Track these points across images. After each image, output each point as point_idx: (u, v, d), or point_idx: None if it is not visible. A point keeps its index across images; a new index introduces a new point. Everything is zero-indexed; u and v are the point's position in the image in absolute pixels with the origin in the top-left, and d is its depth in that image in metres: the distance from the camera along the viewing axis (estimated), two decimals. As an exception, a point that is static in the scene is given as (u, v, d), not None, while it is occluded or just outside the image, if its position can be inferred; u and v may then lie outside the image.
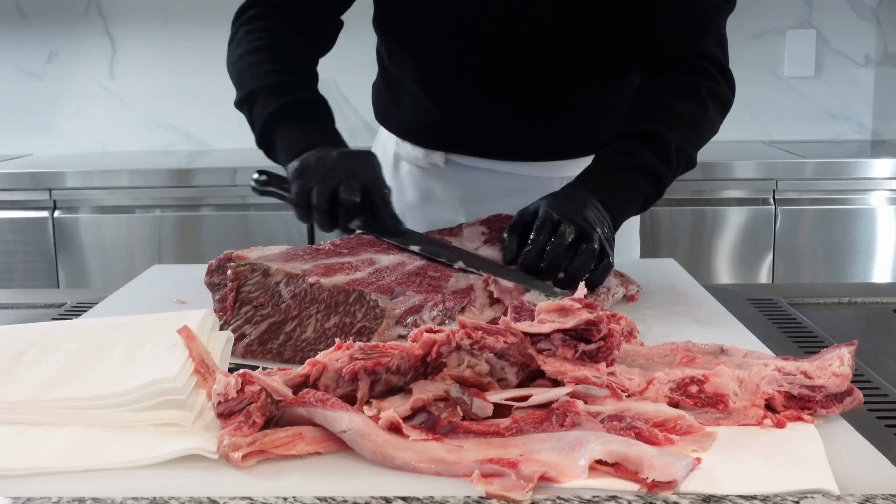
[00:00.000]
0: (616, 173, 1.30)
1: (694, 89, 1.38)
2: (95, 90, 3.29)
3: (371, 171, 1.24)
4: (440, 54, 1.46)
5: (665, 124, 1.33)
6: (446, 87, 1.49)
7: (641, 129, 1.33)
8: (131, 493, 0.68)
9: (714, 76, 1.41)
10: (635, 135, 1.33)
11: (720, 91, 1.42)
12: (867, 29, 3.33)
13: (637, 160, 1.30)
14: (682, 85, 1.39)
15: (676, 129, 1.34)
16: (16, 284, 2.78)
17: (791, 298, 1.34)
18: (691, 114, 1.38)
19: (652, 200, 1.34)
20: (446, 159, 1.56)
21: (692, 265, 2.60)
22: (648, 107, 1.38)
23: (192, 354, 0.83)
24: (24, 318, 1.29)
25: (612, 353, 0.84)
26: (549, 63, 1.43)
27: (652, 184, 1.31)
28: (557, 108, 1.48)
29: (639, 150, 1.31)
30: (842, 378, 0.81)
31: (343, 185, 1.20)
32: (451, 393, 0.78)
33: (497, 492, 0.66)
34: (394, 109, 1.60)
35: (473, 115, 1.49)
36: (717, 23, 1.43)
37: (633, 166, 1.30)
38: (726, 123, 1.33)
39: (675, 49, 1.41)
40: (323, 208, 1.20)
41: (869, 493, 0.67)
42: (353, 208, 1.20)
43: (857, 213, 2.80)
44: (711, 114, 1.41)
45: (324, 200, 1.20)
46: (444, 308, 1.03)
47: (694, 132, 1.38)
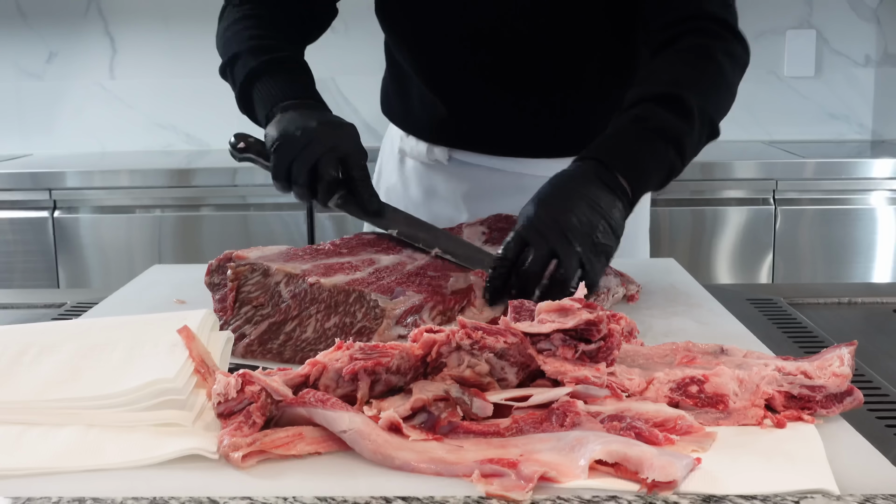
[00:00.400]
0: (635, 138, 1.18)
1: (708, 51, 1.28)
2: (95, 90, 3.29)
3: (350, 143, 1.23)
4: (442, 49, 1.46)
5: (684, 87, 1.22)
6: (449, 82, 1.49)
7: (659, 91, 1.21)
8: (131, 493, 0.68)
9: (723, 36, 1.32)
10: (653, 98, 1.21)
11: (734, 50, 1.32)
12: (867, 29, 3.33)
13: (656, 123, 1.18)
14: (694, 48, 1.29)
15: (697, 92, 1.23)
16: (16, 284, 2.78)
17: (791, 298, 1.34)
18: (710, 76, 1.27)
19: (678, 169, 1.21)
20: (450, 156, 1.55)
21: (692, 265, 2.60)
22: (662, 72, 1.27)
23: (192, 354, 0.83)
24: (24, 318, 1.28)
25: (612, 353, 0.84)
26: (552, 58, 1.42)
27: (675, 150, 1.19)
28: (561, 103, 1.47)
29: (658, 112, 1.19)
30: (842, 378, 0.81)
31: (322, 159, 1.19)
32: (451, 393, 0.78)
33: (497, 492, 0.66)
34: (400, 103, 1.59)
35: (476, 111, 1.49)
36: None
37: (654, 129, 1.18)
38: (726, 124, 1.32)
39: (678, 11, 1.32)
40: (302, 183, 1.20)
41: (869, 493, 0.66)
42: (332, 184, 1.20)
43: (857, 213, 2.80)
44: (728, 76, 1.30)
45: (303, 175, 1.20)
46: (444, 308, 1.03)
47: (714, 95, 1.28)
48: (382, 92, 1.65)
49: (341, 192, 1.22)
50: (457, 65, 1.46)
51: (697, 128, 1.21)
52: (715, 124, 1.27)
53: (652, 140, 1.18)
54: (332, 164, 1.20)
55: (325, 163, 1.19)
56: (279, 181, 1.23)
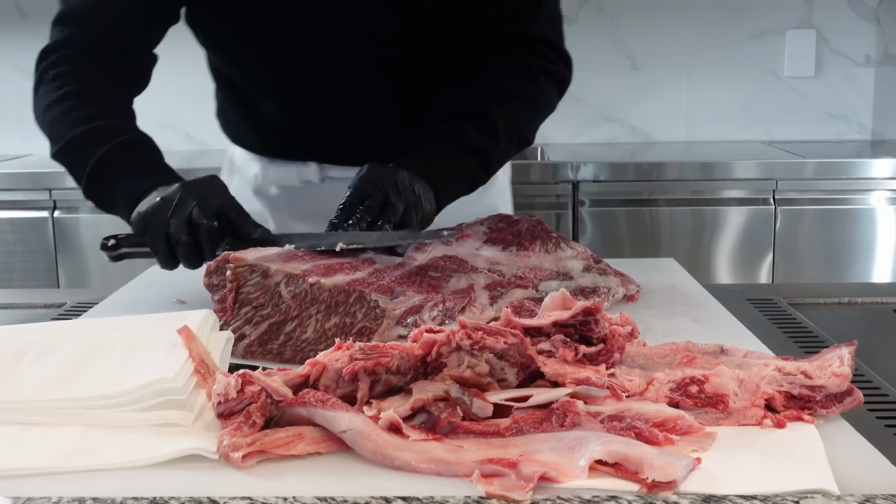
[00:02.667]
0: (442, 152, 1.32)
1: (525, 67, 1.41)
2: (95, 90, 3.29)
3: (219, 191, 1.19)
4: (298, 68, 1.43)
5: (494, 103, 1.36)
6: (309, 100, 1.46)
7: (469, 108, 1.36)
8: (131, 493, 0.68)
9: (547, 55, 1.44)
10: (463, 114, 1.35)
11: (554, 69, 1.45)
12: (867, 29, 3.33)
13: (463, 139, 1.33)
14: (513, 63, 1.42)
15: (506, 106, 1.37)
16: (16, 284, 2.78)
17: (791, 298, 1.34)
18: (523, 91, 1.41)
19: (480, 179, 1.37)
20: (322, 176, 1.52)
21: (692, 265, 2.60)
22: (479, 86, 1.40)
23: (192, 354, 0.83)
24: (24, 318, 1.28)
25: (612, 356, 0.84)
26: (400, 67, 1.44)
27: (479, 162, 1.34)
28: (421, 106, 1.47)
29: (465, 129, 1.34)
30: (842, 378, 0.81)
31: (195, 212, 1.14)
32: (451, 393, 0.78)
33: (497, 492, 0.66)
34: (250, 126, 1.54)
35: (345, 124, 1.47)
36: (548, 3, 1.45)
37: (460, 146, 1.33)
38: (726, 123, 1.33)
39: (507, 33, 1.42)
40: (185, 242, 1.14)
41: (869, 493, 0.66)
42: (214, 233, 1.14)
43: (857, 213, 2.80)
44: (546, 90, 1.44)
45: (182, 235, 1.14)
46: (444, 308, 1.03)
47: (525, 109, 1.41)
48: (225, 121, 1.59)
49: (227, 238, 1.16)
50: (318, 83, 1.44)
51: (503, 141, 1.36)
52: (525, 135, 1.42)
53: (457, 155, 1.33)
54: (207, 212, 1.14)
55: (199, 213, 1.14)
56: (160, 253, 1.16)
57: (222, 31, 1.44)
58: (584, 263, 1.24)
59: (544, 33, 1.44)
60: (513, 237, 1.25)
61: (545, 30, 1.45)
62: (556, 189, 2.82)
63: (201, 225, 1.14)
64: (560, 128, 3.39)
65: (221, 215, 1.16)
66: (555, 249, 1.26)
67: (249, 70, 1.48)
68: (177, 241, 1.14)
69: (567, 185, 2.82)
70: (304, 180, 1.52)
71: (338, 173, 1.52)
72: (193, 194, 1.16)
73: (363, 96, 1.45)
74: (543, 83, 1.43)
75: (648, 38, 3.36)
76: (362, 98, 1.45)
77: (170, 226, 1.14)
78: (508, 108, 1.37)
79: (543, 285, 1.15)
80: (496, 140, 1.35)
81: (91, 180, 1.26)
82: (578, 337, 0.84)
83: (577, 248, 1.28)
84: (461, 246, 1.23)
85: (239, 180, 1.59)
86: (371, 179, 1.21)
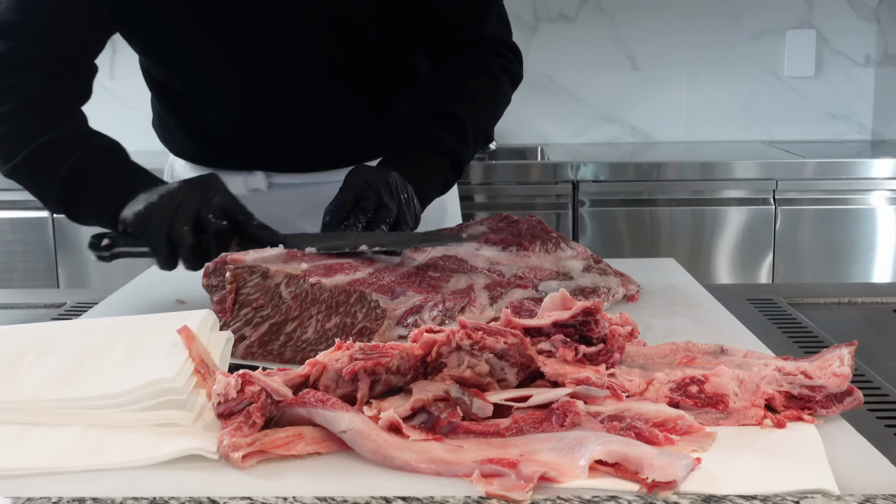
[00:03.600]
0: (419, 157, 1.34)
1: (485, 65, 1.44)
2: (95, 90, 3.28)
3: (223, 190, 1.14)
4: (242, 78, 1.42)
5: (460, 104, 1.39)
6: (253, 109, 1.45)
7: (438, 111, 1.38)
8: (131, 493, 0.68)
9: (504, 54, 1.47)
10: (433, 117, 1.38)
11: (510, 66, 1.48)
12: (867, 29, 3.33)
13: (437, 143, 1.35)
14: (472, 63, 1.44)
15: (472, 107, 1.40)
16: (16, 284, 2.78)
17: (791, 298, 1.34)
18: (485, 90, 1.43)
19: (452, 181, 1.40)
20: (269, 183, 1.51)
21: (692, 265, 2.61)
22: (443, 87, 1.43)
23: (192, 354, 0.83)
24: (24, 318, 1.29)
25: (612, 356, 0.84)
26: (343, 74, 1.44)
27: (451, 164, 1.37)
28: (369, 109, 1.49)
29: (437, 132, 1.36)
30: (842, 378, 0.81)
31: (202, 211, 1.09)
32: (451, 393, 0.78)
33: (497, 492, 0.66)
34: (192, 137, 1.52)
35: (283, 132, 1.47)
36: (497, 2, 1.49)
37: (434, 149, 1.35)
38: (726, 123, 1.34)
39: (462, 35, 1.45)
40: (189, 243, 1.09)
41: (869, 493, 0.66)
42: (223, 233, 1.10)
43: (857, 213, 2.80)
44: (504, 87, 1.47)
45: (187, 234, 1.09)
46: (444, 308, 1.03)
47: (488, 108, 1.45)
48: (163, 132, 1.57)
49: (234, 239, 1.12)
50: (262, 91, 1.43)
51: (472, 143, 1.39)
52: (488, 134, 1.45)
53: (433, 158, 1.35)
54: (214, 212, 1.10)
55: (206, 213, 1.09)
56: (160, 255, 1.11)
57: (160, 41, 1.41)
58: (584, 263, 1.24)
59: (497, 33, 1.47)
60: (513, 237, 1.25)
61: (497, 29, 1.48)
62: (556, 189, 2.82)
63: (210, 225, 1.10)
64: (560, 128, 3.39)
65: (227, 215, 1.12)
66: (555, 249, 1.26)
67: (190, 80, 1.45)
68: (181, 242, 1.09)
69: (567, 185, 2.82)
70: (251, 189, 1.50)
71: (284, 180, 1.52)
72: (199, 193, 1.12)
73: (308, 103, 1.45)
74: (502, 82, 1.46)
75: (648, 38, 3.36)
76: (307, 105, 1.45)
77: (174, 226, 1.09)
78: (474, 108, 1.40)
79: (543, 285, 1.15)
80: (466, 143, 1.38)
81: (65, 189, 1.21)
82: (578, 337, 0.84)
83: (577, 248, 1.28)
84: (461, 246, 1.23)
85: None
86: (364, 180, 1.21)
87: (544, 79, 3.35)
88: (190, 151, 1.55)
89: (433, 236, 1.20)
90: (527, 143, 3.38)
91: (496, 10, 1.48)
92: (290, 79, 1.42)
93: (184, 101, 1.49)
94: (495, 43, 1.47)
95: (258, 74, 1.42)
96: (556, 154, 3.11)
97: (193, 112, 1.49)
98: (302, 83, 1.43)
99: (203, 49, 1.40)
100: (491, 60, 1.45)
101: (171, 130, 1.55)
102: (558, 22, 3.35)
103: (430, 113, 1.39)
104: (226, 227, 1.11)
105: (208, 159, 1.53)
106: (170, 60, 1.44)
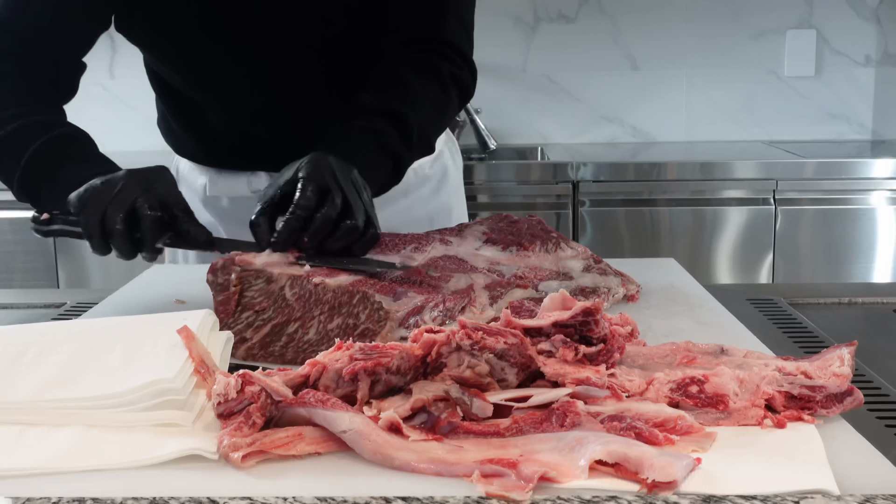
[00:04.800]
0: (364, 148, 1.25)
1: (436, 70, 1.37)
2: (95, 90, 3.29)
3: (166, 183, 1.13)
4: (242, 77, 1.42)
5: (409, 105, 1.31)
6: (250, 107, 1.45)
7: (386, 107, 1.30)
8: (131, 493, 0.68)
9: (455, 62, 1.40)
10: (379, 112, 1.29)
11: (462, 76, 1.41)
12: (867, 29, 3.34)
13: (382, 139, 1.27)
14: (424, 64, 1.37)
15: (420, 111, 1.32)
16: (16, 284, 2.78)
17: (791, 298, 1.34)
18: (434, 96, 1.36)
19: (390, 184, 1.31)
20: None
21: (692, 265, 2.61)
22: (392, 84, 1.35)
23: (191, 354, 0.83)
24: (24, 318, 1.28)
25: (612, 356, 0.84)
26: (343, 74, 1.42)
27: (393, 165, 1.29)
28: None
29: (383, 128, 1.28)
30: (842, 378, 0.81)
31: (139, 201, 1.08)
32: (451, 393, 0.78)
33: (497, 492, 0.66)
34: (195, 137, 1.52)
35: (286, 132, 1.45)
36: (459, 9, 1.43)
37: (379, 145, 1.27)
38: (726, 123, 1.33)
39: (418, 32, 1.39)
40: (121, 231, 1.08)
41: (869, 494, 0.66)
42: (157, 224, 1.09)
43: (857, 213, 2.80)
44: (452, 98, 1.39)
45: (120, 222, 1.08)
46: (445, 308, 1.03)
47: (435, 116, 1.37)
48: (167, 132, 1.57)
49: (168, 232, 1.11)
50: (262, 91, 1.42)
51: (415, 149, 1.31)
52: (431, 144, 1.37)
53: (376, 154, 1.26)
54: (151, 203, 1.09)
55: (143, 203, 1.08)
56: (94, 238, 1.10)
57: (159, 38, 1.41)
58: (584, 263, 1.23)
59: (454, 37, 1.41)
60: (513, 237, 1.25)
61: (456, 34, 1.42)
62: (556, 189, 2.82)
63: (145, 216, 1.08)
64: (560, 128, 3.39)
65: (165, 208, 1.10)
66: (555, 249, 1.26)
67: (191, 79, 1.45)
68: (112, 229, 1.08)
69: (567, 185, 2.82)
70: (254, 190, 1.49)
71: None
72: (140, 183, 1.10)
73: (308, 103, 1.44)
74: (451, 92, 1.39)
75: (648, 38, 3.36)
76: (307, 105, 1.44)
77: (107, 211, 1.08)
78: (422, 114, 1.33)
79: (543, 285, 1.14)
80: (409, 147, 1.30)
81: (26, 174, 1.21)
82: (578, 337, 0.84)
83: (577, 248, 1.28)
84: (461, 246, 1.23)
85: (186, 191, 1.55)
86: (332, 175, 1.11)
87: (544, 79, 3.35)
88: (193, 151, 1.55)
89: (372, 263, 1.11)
90: (527, 143, 3.38)
91: (456, 17, 1.43)
92: (290, 79, 1.42)
93: (186, 101, 1.49)
94: (450, 49, 1.41)
95: (258, 75, 1.42)
96: (556, 154, 3.11)
97: (196, 112, 1.49)
98: (302, 83, 1.43)
99: (202, 49, 1.40)
100: (444, 67, 1.38)
101: (175, 130, 1.55)
102: (558, 22, 3.35)
103: (375, 108, 1.30)
104: (159, 219, 1.09)
105: (211, 159, 1.53)
106: (170, 58, 1.44)
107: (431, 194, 1.48)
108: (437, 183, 1.58)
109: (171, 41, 1.40)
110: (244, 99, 1.44)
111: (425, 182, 1.57)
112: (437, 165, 1.61)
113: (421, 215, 1.53)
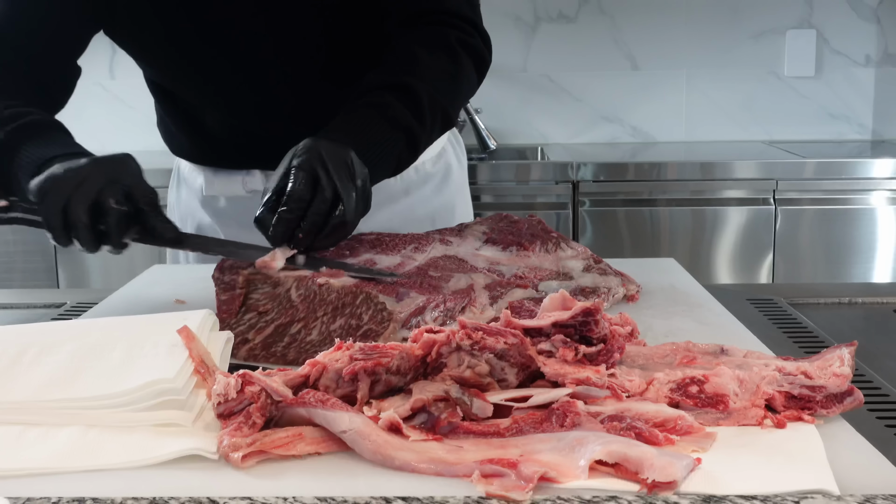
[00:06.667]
0: (371, 124, 1.20)
1: (443, 38, 1.32)
2: (95, 90, 3.29)
3: (132, 174, 1.08)
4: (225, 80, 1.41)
5: (416, 76, 1.25)
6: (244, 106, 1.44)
7: (392, 80, 1.25)
8: (131, 493, 0.68)
9: (464, 28, 1.35)
10: (385, 87, 1.24)
11: (472, 42, 1.36)
12: (867, 29, 3.34)
13: (390, 112, 1.21)
14: (429, 35, 1.32)
15: (429, 80, 1.26)
16: (16, 284, 2.78)
17: (791, 298, 1.34)
18: (443, 65, 1.30)
19: (406, 160, 1.25)
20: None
21: (692, 265, 2.61)
22: (396, 58, 1.30)
23: (191, 354, 0.83)
24: (24, 318, 1.28)
25: (612, 356, 0.84)
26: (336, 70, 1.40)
27: (406, 139, 1.23)
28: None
29: (391, 101, 1.22)
30: (842, 378, 0.81)
31: (104, 192, 1.03)
32: (451, 393, 0.78)
33: (497, 492, 0.66)
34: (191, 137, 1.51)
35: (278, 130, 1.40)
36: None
37: (388, 118, 1.21)
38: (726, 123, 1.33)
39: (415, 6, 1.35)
40: (84, 223, 1.03)
41: (869, 494, 0.66)
42: (122, 218, 1.04)
43: (857, 213, 2.80)
44: (464, 65, 1.34)
45: (83, 214, 1.02)
46: (445, 308, 1.03)
47: (447, 84, 1.31)
48: (165, 133, 1.56)
49: (135, 227, 1.07)
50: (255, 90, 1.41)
51: (429, 120, 1.24)
52: (448, 113, 1.29)
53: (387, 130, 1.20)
54: (116, 195, 1.04)
55: (107, 195, 1.03)
56: (55, 230, 1.05)
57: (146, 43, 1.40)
58: (584, 263, 1.23)
59: (459, 8, 1.37)
60: (513, 237, 1.25)
61: (457, 2, 1.37)
62: (556, 189, 2.83)
63: (110, 210, 1.04)
64: (560, 128, 3.39)
65: (132, 201, 1.06)
66: (555, 249, 1.26)
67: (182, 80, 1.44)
68: (75, 222, 1.03)
69: (567, 185, 2.82)
70: (250, 190, 1.48)
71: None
72: (104, 173, 1.05)
73: (302, 100, 1.43)
74: (462, 57, 1.33)
75: (648, 38, 3.36)
76: (301, 102, 1.43)
77: (70, 203, 1.03)
78: (431, 82, 1.26)
79: (543, 285, 1.15)
80: (421, 119, 1.24)
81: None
82: (578, 337, 0.84)
83: (577, 248, 1.28)
84: (461, 246, 1.23)
85: (186, 192, 1.57)
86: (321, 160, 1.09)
87: (544, 79, 3.35)
88: (189, 151, 1.55)
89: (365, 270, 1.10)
90: (527, 143, 3.38)
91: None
92: (283, 76, 1.41)
93: (180, 102, 1.49)
94: (455, 17, 1.35)
95: (251, 74, 1.41)
96: (556, 154, 3.11)
97: (190, 112, 1.49)
98: (296, 81, 1.42)
99: (192, 48, 1.39)
100: (450, 34, 1.33)
101: (172, 131, 1.55)
102: (558, 22, 3.35)
103: (380, 83, 1.25)
104: (125, 214, 1.05)
105: (207, 159, 1.53)
106: (159, 62, 1.44)
107: (434, 193, 1.47)
108: (441, 181, 1.58)
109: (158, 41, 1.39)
110: (237, 98, 1.44)
111: (428, 180, 1.57)
112: (440, 163, 1.59)
113: (423, 214, 1.52)
